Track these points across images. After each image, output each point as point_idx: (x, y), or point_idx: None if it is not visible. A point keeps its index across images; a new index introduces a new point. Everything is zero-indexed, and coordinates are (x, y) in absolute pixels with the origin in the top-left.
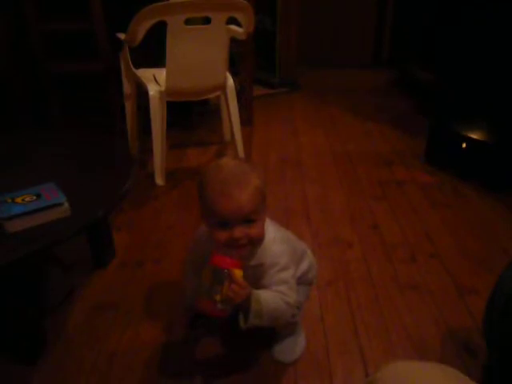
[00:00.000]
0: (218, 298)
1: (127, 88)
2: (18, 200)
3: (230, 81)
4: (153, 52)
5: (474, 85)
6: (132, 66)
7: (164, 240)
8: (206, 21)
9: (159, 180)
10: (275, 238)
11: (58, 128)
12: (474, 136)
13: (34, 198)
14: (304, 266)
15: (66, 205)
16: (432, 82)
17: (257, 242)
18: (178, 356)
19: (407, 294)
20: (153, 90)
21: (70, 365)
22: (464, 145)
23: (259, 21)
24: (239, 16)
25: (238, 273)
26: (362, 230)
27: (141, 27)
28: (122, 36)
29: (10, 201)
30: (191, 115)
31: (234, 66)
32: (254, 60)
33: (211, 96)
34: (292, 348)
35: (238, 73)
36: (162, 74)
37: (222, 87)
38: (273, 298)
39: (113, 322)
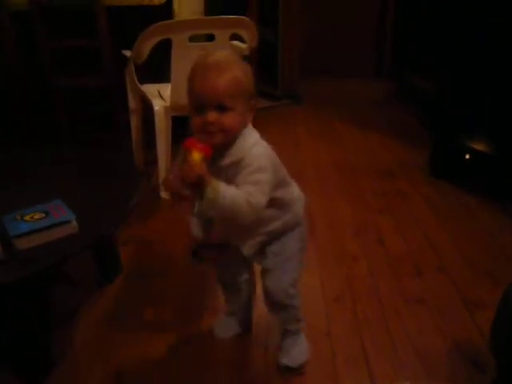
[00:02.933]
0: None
1: (132, 103)
2: (27, 218)
3: None
4: (157, 68)
5: (476, 96)
6: (137, 82)
7: (169, 253)
8: (210, 37)
9: (164, 193)
10: (257, 142)
11: (64, 143)
12: (477, 147)
13: (43, 215)
14: (286, 194)
15: (74, 222)
16: (434, 93)
17: (229, 131)
18: (186, 373)
19: (414, 309)
20: (158, 105)
21: (78, 378)
22: (467, 156)
23: (261, 33)
24: (242, 33)
25: (196, 155)
26: (367, 243)
27: (146, 45)
28: (127, 53)
29: (19, 218)
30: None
31: None
32: (256, 73)
33: None
34: (297, 352)
35: None
36: (166, 89)
37: None
38: (235, 193)
39: (120, 339)
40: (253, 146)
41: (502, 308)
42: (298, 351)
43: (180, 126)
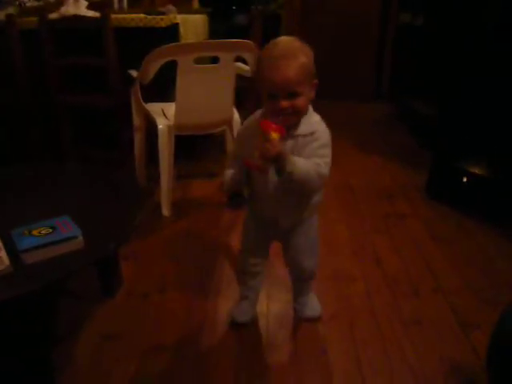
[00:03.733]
0: (256, 154)
1: (137, 121)
2: (35, 232)
3: (236, 115)
4: (161, 87)
5: (474, 120)
6: (142, 101)
7: (170, 270)
8: (214, 59)
9: (166, 211)
10: (320, 121)
11: (67, 160)
12: (475, 170)
13: (50, 230)
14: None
15: (81, 238)
16: (432, 116)
17: (300, 112)
18: None
19: (411, 330)
20: (162, 124)
21: None
22: (465, 179)
23: None
24: (246, 55)
25: (275, 135)
26: (364, 264)
27: (153, 66)
28: (133, 73)
29: (27, 233)
30: (196, 148)
31: (238, 100)
32: (256, 96)
33: (218, 130)
34: (315, 303)
35: (243, 106)
36: (170, 108)
37: (229, 121)
38: (307, 164)
39: (120, 354)
40: (319, 122)
41: (497, 330)
42: (316, 303)
43: (183, 145)
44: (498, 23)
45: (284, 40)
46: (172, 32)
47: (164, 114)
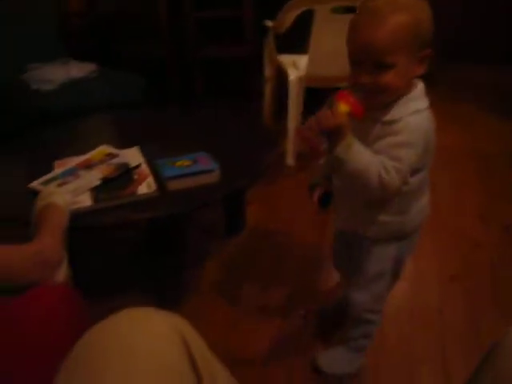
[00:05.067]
0: (313, 124)
1: (268, 72)
2: (178, 164)
3: None
4: (294, 39)
5: None
6: (275, 52)
7: (290, 217)
8: (348, 9)
9: (290, 160)
10: (419, 111)
11: (203, 104)
12: None
13: (191, 163)
14: (418, 182)
15: (218, 171)
16: None
17: (388, 92)
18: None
19: None
20: (293, 75)
21: (203, 315)
22: None
23: None
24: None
25: (343, 107)
26: (492, 231)
27: (289, 15)
28: (269, 23)
29: (171, 164)
30: (324, 103)
31: None
32: None
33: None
34: (342, 360)
35: None
36: (302, 60)
37: None
38: (369, 159)
39: (241, 285)
40: (413, 113)
41: None
42: (341, 362)
43: (312, 99)
44: None
45: None
46: None
47: (295, 66)
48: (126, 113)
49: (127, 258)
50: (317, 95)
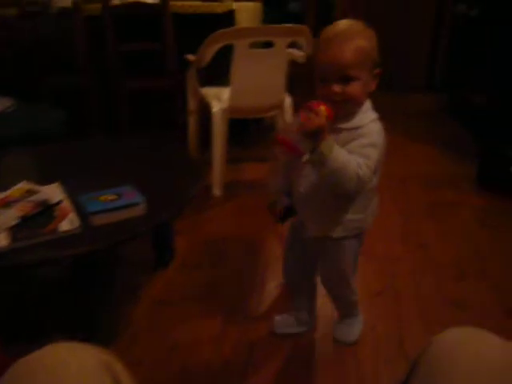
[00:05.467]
0: (296, 128)
1: (191, 105)
2: (102, 198)
3: (288, 100)
4: (216, 72)
5: None
6: (197, 85)
7: (219, 247)
8: (267, 44)
9: (217, 190)
10: (376, 119)
11: (127, 137)
12: None
13: (116, 197)
14: (374, 183)
15: (143, 205)
16: (484, 105)
17: (352, 101)
18: (230, 352)
19: (455, 312)
20: (216, 107)
21: (136, 352)
22: None
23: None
24: (300, 40)
25: (323, 109)
26: (411, 247)
27: (210, 50)
28: (190, 57)
29: (94, 199)
30: (248, 132)
31: (291, 86)
32: (310, 80)
33: (270, 114)
34: (351, 330)
35: (296, 93)
36: (224, 92)
37: (281, 106)
38: (347, 158)
39: (173, 317)
40: (372, 120)
41: None
42: (353, 331)
43: (235, 130)
44: None
45: (343, 22)
46: (228, 18)
47: (218, 98)
48: (47, 147)
49: (51, 297)
50: (241, 125)
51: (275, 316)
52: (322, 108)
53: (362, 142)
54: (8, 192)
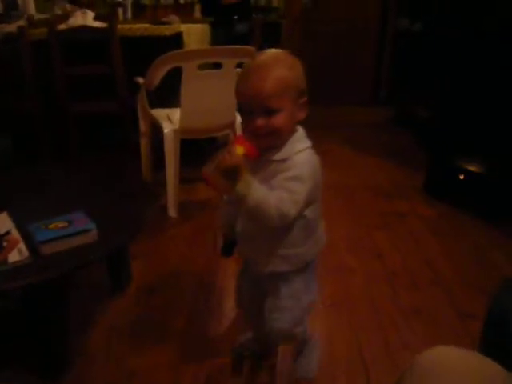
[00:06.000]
0: (213, 165)
1: (143, 126)
2: (52, 226)
3: (238, 119)
4: (166, 94)
5: (470, 119)
6: (148, 107)
7: (176, 269)
8: (216, 65)
9: (172, 212)
10: (305, 149)
11: (76, 163)
12: (470, 168)
13: (66, 224)
14: (314, 215)
15: (95, 231)
16: (429, 117)
17: (278, 133)
18: (191, 379)
19: (410, 319)
20: (167, 129)
21: (92, 380)
22: (461, 176)
23: None
24: (247, 60)
25: (239, 149)
26: (364, 258)
27: (158, 72)
28: (140, 80)
29: (43, 227)
30: (201, 151)
31: None
32: None
33: (221, 133)
34: (309, 362)
35: None
36: (175, 113)
37: (232, 125)
38: (266, 194)
39: (130, 344)
40: (300, 151)
41: (489, 315)
42: (308, 363)
43: (188, 149)
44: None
45: (267, 52)
46: (176, 40)
47: (169, 119)
48: None
49: (3, 329)
50: (195, 145)
51: (236, 336)
52: (238, 149)
53: (286, 176)
54: None
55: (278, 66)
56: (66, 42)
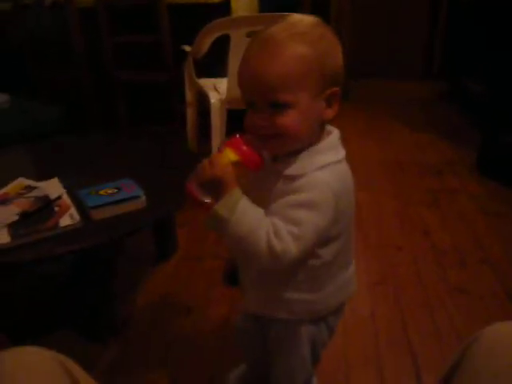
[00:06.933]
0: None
1: (189, 96)
2: (102, 192)
3: None
4: (213, 63)
5: None
6: (195, 76)
7: (221, 238)
8: None
9: None
10: (329, 167)
11: (126, 131)
12: None
13: (116, 190)
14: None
15: (143, 198)
16: (483, 93)
17: (287, 136)
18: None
19: (457, 298)
20: (214, 98)
21: (136, 344)
22: None
23: None
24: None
25: (229, 155)
26: (412, 235)
27: (206, 40)
28: (187, 48)
29: (94, 193)
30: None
31: None
32: None
33: None
34: None
35: None
36: (222, 83)
37: None
38: (260, 221)
39: (174, 310)
40: (321, 167)
41: None
42: None
43: (234, 121)
44: None
45: (289, 18)
46: (224, 8)
47: (216, 89)
48: (43, 143)
49: (54, 293)
50: (240, 121)
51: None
52: (228, 155)
53: (294, 200)
54: (5, 189)
55: (294, 41)
56: (113, 10)
